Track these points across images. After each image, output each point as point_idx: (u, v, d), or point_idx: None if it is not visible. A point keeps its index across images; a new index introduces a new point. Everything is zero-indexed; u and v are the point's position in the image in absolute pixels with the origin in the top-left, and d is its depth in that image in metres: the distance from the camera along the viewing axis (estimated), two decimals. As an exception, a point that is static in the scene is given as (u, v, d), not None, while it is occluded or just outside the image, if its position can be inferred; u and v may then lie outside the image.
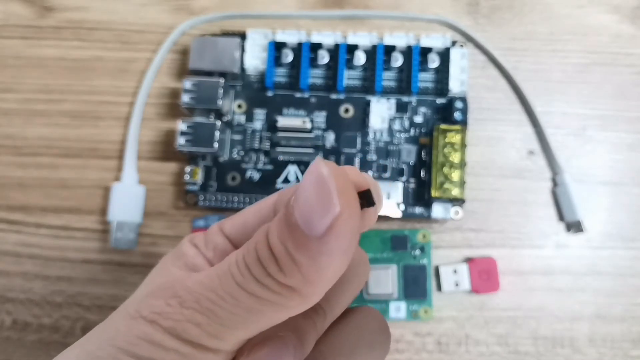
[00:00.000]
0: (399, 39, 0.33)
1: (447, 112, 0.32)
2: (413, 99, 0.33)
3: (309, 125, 0.32)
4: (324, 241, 0.12)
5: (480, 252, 0.33)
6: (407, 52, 0.32)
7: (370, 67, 0.32)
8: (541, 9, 0.35)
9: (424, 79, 0.33)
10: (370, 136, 0.33)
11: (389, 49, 0.33)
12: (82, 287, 0.33)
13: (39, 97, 0.34)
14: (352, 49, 0.33)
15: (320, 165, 0.13)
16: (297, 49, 0.33)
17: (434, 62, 0.32)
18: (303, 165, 0.33)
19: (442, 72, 0.32)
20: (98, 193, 0.33)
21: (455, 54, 0.33)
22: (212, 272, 0.15)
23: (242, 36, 0.33)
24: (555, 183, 0.33)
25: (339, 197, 0.12)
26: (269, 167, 0.33)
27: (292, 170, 0.33)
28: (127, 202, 0.32)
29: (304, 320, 0.16)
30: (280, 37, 0.33)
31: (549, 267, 0.33)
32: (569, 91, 0.34)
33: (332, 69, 0.33)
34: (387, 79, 0.33)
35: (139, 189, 0.33)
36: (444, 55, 0.32)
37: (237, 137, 0.33)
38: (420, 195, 0.32)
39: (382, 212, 0.32)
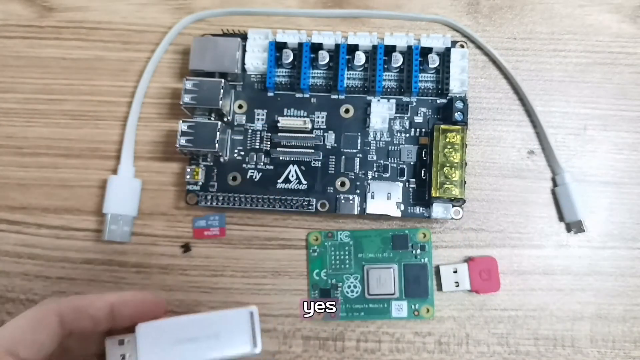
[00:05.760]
0: (399, 39, 0.33)
1: (448, 112, 0.32)
2: (413, 99, 0.33)
3: (309, 126, 0.32)
4: None
5: (480, 252, 0.33)
6: (407, 52, 0.32)
7: (370, 67, 0.32)
8: (542, 8, 0.35)
9: (424, 79, 0.33)
10: (371, 136, 0.33)
11: (389, 49, 0.33)
12: (82, 287, 0.33)
13: (39, 97, 0.34)
14: (352, 49, 0.33)
15: None
16: (298, 49, 0.33)
17: (434, 62, 0.32)
18: (303, 165, 0.33)
19: (443, 72, 0.32)
20: (99, 193, 0.33)
21: (455, 54, 0.33)
22: None
23: (243, 36, 0.33)
24: (555, 183, 0.33)
25: None
26: (270, 167, 0.33)
27: (292, 170, 0.33)
28: (122, 195, 0.32)
29: None
30: (280, 38, 0.33)
31: (549, 267, 0.33)
32: (570, 91, 0.34)
33: (333, 69, 0.33)
34: (388, 79, 0.33)
35: (135, 182, 0.33)
36: (444, 55, 0.32)
37: (238, 137, 0.33)
38: (421, 195, 0.32)
39: (382, 212, 0.32)
